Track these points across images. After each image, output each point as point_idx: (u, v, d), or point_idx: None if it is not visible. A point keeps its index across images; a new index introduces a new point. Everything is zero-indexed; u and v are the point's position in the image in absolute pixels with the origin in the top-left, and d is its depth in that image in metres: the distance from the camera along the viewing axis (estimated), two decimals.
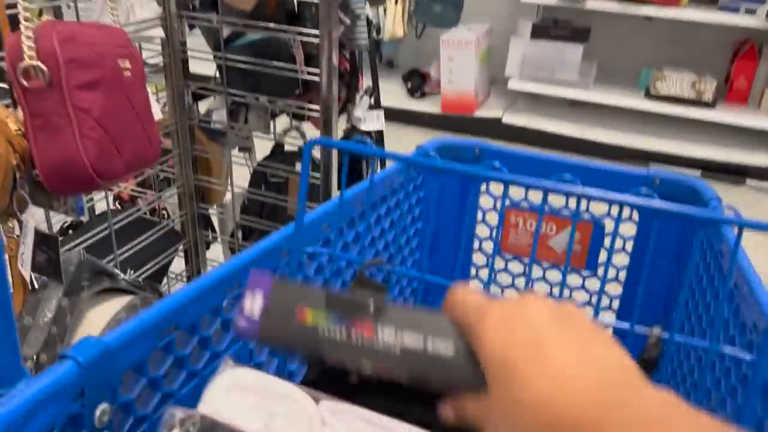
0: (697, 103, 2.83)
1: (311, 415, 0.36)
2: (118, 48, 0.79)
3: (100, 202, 1.26)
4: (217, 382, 0.37)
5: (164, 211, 1.50)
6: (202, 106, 1.44)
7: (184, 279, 1.51)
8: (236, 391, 0.37)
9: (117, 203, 1.56)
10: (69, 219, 1.40)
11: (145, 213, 1.44)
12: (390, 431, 0.34)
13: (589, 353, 0.28)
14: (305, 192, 0.55)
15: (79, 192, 0.75)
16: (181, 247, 1.47)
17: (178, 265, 1.51)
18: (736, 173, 2.74)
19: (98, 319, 0.72)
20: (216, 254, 1.67)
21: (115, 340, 0.46)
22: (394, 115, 3.08)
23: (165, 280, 1.46)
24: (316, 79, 1.20)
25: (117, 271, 0.78)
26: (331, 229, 0.70)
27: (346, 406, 0.35)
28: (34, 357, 0.70)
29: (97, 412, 0.45)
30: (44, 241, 0.78)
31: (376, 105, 1.50)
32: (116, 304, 0.74)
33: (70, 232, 1.38)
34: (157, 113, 0.83)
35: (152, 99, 0.85)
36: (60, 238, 1.37)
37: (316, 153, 1.25)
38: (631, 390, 0.27)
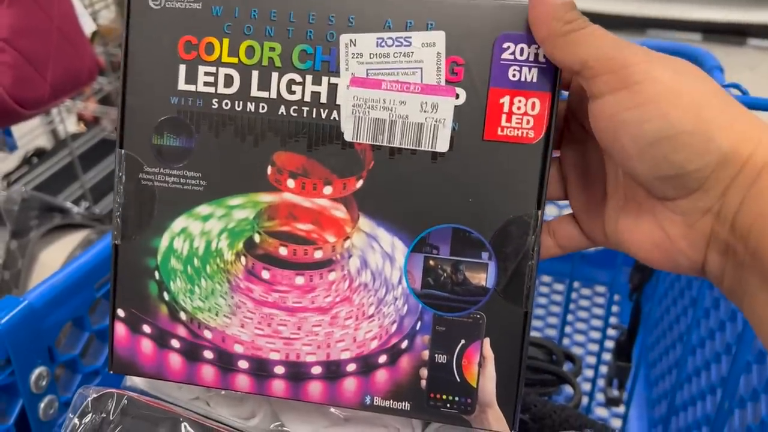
0: None
1: None
2: None
3: (62, 124, 1.18)
4: None
5: None
6: None
7: None
8: None
9: (81, 124, 1.47)
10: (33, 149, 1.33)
11: (111, 133, 1.35)
12: None
13: None
14: None
15: (1, 126, 0.67)
16: None
17: None
18: (738, 33, 2.60)
19: (52, 260, 0.66)
20: None
21: (40, 298, 0.40)
22: None
23: None
24: None
25: (69, 204, 0.72)
26: None
27: None
28: None
29: (33, 377, 0.40)
30: None
31: None
32: (71, 241, 0.69)
33: (35, 159, 1.30)
34: (89, 25, 0.73)
35: (84, 10, 0.75)
36: (26, 168, 1.30)
37: None
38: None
